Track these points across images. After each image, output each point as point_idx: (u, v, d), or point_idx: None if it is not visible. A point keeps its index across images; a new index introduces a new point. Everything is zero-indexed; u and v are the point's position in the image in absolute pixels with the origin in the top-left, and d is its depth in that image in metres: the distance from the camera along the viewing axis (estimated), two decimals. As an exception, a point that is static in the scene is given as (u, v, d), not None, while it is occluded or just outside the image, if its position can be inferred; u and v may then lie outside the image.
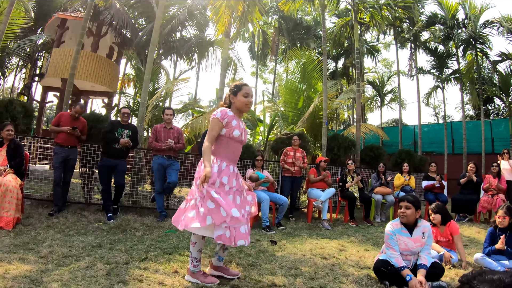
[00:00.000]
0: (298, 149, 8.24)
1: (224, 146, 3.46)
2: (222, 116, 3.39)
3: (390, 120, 34.75)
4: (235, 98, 3.52)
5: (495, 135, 18.00)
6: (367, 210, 8.33)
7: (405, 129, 21.71)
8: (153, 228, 5.81)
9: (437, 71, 19.22)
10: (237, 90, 3.51)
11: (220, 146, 3.46)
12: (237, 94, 3.50)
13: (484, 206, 8.41)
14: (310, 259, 4.55)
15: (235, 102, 3.51)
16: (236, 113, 3.54)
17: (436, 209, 4.88)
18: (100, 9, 14.78)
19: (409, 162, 10.23)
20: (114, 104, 18.20)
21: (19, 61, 18.43)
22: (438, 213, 4.85)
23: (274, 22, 24.10)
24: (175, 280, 3.40)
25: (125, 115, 6.73)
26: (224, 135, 3.43)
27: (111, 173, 6.62)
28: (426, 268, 3.67)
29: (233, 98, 3.53)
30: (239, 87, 3.52)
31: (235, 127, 3.44)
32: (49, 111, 36.05)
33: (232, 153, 3.50)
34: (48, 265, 3.52)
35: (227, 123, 3.41)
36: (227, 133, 3.41)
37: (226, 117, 3.40)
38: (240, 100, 3.48)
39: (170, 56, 18.11)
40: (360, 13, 14.20)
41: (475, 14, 16.74)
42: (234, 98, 3.52)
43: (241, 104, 3.49)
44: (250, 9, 10.83)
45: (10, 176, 5.38)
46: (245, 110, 3.57)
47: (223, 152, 3.45)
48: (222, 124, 3.40)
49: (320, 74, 13.26)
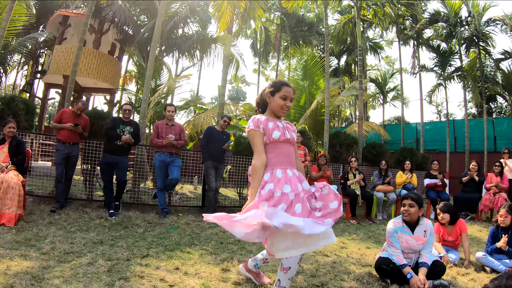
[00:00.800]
0: (300, 146, 8.24)
1: (271, 152, 2.97)
2: (257, 125, 2.95)
3: (392, 118, 34.77)
4: (271, 98, 3.03)
5: (498, 133, 17.95)
6: (369, 207, 8.32)
7: (407, 127, 21.67)
8: (155, 225, 5.81)
9: (440, 69, 19.19)
10: (275, 90, 3.01)
11: (270, 153, 2.96)
12: (275, 94, 3.01)
13: (486, 204, 8.40)
14: (311, 257, 4.54)
15: (271, 103, 3.04)
16: (270, 115, 3.07)
17: (445, 208, 4.78)
18: (102, 6, 14.75)
19: (411, 160, 10.22)
20: (116, 101, 18.24)
21: (21, 58, 18.47)
22: (447, 212, 4.76)
23: (276, 19, 24.02)
24: (176, 277, 3.39)
25: (126, 111, 6.73)
26: (267, 143, 2.97)
27: (113, 170, 6.62)
28: (427, 267, 3.66)
29: (270, 98, 3.04)
30: (278, 87, 3.02)
31: (273, 128, 2.95)
32: (51, 108, 36.07)
33: (282, 155, 2.98)
34: (50, 262, 3.53)
35: (263, 129, 2.95)
36: (267, 140, 2.95)
37: (260, 124, 2.95)
38: (276, 102, 3.00)
39: (172, 53, 18.07)
40: (363, 10, 14.17)
41: (478, 12, 16.68)
42: (271, 98, 3.04)
43: (276, 107, 3.01)
44: (252, 6, 10.81)
45: (12, 173, 5.39)
46: (281, 114, 3.08)
47: (274, 159, 2.95)
48: (261, 133, 2.94)
49: (322, 71, 13.27)
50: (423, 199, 4.44)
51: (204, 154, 7.24)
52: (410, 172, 9.13)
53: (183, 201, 8.27)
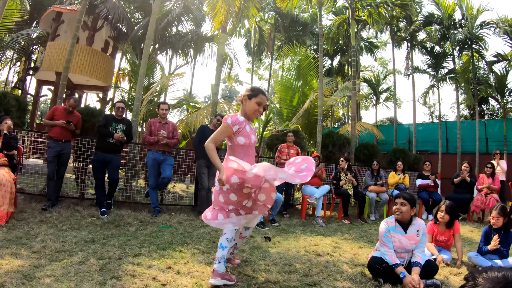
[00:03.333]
0: (292, 146, 8.25)
1: (241, 153, 3.36)
2: (233, 123, 3.27)
3: (385, 119, 34.88)
4: (248, 101, 3.39)
5: (490, 135, 18.06)
6: (361, 207, 8.36)
7: (400, 128, 21.74)
8: (147, 224, 5.79)
9: (433, 71, 19.27)
10: (253, 95, 3.38)
11: (238, 154, 3.34)
12: (251, 98, 3.37)
13: (477, 205, 8.47)
14: (304, 256, 4.55)
15: (246, 106, 3.40)
16: (243, 117, 3.41)
17: (448, 209, 4.77)
18: (95, 3, 14.68)
19: (403, 160, 10.27)
20: (109, 99, 18.14)
21: (13, 55, 18.25)
22: (449, 214, 4.77)
23: (271, 18, 23.99)
24: (168, 276, 3.38)
25: (119, 109, 6.69)
26: (237, 143, 3.34)
27: (105, 168, 6.59)
28: (420, 266, 3.68)
29: (246, 100, 3.40)
30: (255, 93, 3.39)
31: (250, 133, 3.39)
32: (43, 105, 35.86)
33: (248, 157, 3.39)
34: (41, 260, 3.50)
35: (239, 130, 3.29)
36: (247, 142, 3.35)
37: (237, 124, 3.28)
38: (251, 105, 3.37)
39: (166, 51, 18.06)
40: (358, 11, 14.20)
41: (472, 15, 16.77)
42: (247, 100, 3.39)
43: (251, 110, 3.39)
44: (247, 5, 10.80)
45: (3, 170, 5.34)
46: (252, 117, 3.49)
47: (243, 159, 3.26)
48: (232, 131, 3.28)
49: (316, 71, 13.28)
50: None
51: (197, 153, 7.23)
52: (403, 173, 9.18)
53: (176, 200, 8.25)
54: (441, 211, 4.86)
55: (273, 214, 7.06)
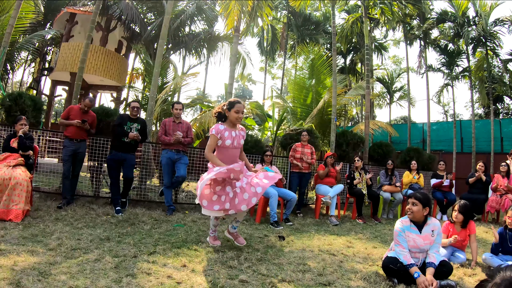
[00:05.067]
0: (307, 145, 8.22)
1: (222, 153, 4.31)
2: (217, 132, 4.20)
3: (398, 118, 34.58)
4: (229, 113, 4.29)
5: (504, 134, 17.79)
6: (375, 207, 8.29)
7: (414, 127, 21.52)
8: (161, 222, 5.83)
9: (447, 69, 19.05)
10: (230, 107, 4.28)
11: (220, 154, 4.32)
12: (230, 110, 4.27)
13: (492, 206, 8.34)
14: (318, 255, 4.54)
15: (229, 116, 4.30)
16: (229, 125, 4.33)
17: (462, 209, 4.74)
18: (109, 4, 14.81)
19: (417, 160, 10.15)
20: (123, 98, 18.29)
21: (28, 56, 18.53)
22: (462, 213, 4.74)
23: (283, 17, 23.93)
24: (183, 274, 3.40)
25: (134, 109, 6.71)
26: (220, 146, 4.28)
27: (120, 167, 6.62)
28: (434, 267, 3.65)
29: (228, 112, 4.29)
30: (232, 105, 4.28)
31: (227, 137, 4.25)
32: (58, 105, 36.24)
33: (228, 157, 4.30)
34: (57, 258, 3.54)
35: (221, 136, 4.22)
36: (222, 144, 4.25)
37: (219, 132, 4.22)
38: (232, 115, 4.27)
39: (179, 50, 18.14)
40: (371, 9, 14.10)
41: (486, 12, 16.54)
42: (228, 112, 4.29)
43: (233, 118, 4.29)
44: (260, 4, 10.79)
45: (20, 169, 5.41)
46: (237, 123, 4.39)
47: (223, 159, 4.22)
48: (217, 138, 4.22)
49: (329, 70, 13.21)
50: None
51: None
52: (417, 172, 9.09)
53: (190, 198, 8.27)
54: (455, 210, 4.82)
55: (286, 214, 7.04)
